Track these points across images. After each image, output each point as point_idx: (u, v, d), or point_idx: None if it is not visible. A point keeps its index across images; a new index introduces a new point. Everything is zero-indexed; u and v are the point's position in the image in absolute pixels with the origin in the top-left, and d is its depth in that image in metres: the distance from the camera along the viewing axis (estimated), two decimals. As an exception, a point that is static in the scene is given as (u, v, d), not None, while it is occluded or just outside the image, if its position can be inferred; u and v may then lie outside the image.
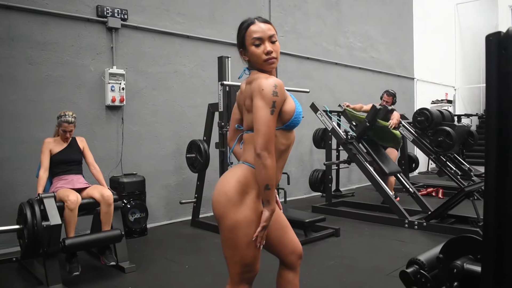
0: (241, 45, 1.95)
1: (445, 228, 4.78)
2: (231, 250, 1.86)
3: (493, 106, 1.26)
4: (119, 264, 3.57)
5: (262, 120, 1.76)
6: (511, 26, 1.23)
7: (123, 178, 4.77)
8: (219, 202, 1.85)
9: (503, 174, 1.25)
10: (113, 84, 4.97)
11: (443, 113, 7.61)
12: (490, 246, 1.29)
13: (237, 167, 1.92)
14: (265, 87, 1.78)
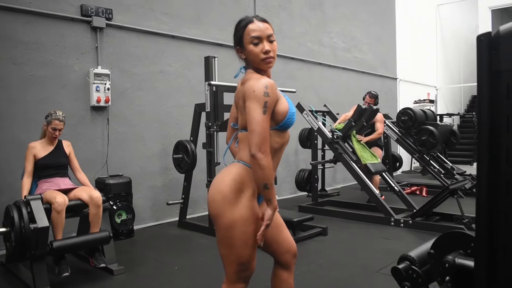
0: (238, 43, 1.94)
1: (430, 226, 4.85)
2: (228, 249, 1.86)
3: (484, 104, 1.29)
4: (107, 266, 3.53)
5: (255, 121, 1.76)
6: (501, 27, 1.26)
7: (109, 180, 4.72)
8: (215, 201, 1.84)
9: (495, 170, 1.28)
10: (98, 84, 4.92)
11: (426, 112, 7.72)
12: (483, 242, 1.32)
13: (232, 166, 1.91)
14: (256, 88, 1.79)
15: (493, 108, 1.27)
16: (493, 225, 1.29)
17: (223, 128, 4.79)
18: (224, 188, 1.83)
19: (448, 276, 1.67)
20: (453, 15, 14.42)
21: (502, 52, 1.25)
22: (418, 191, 7.60)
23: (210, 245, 4.48)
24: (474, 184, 7.01)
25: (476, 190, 1.34)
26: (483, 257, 1.33)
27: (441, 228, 4.65)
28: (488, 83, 1.28)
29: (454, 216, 4.97)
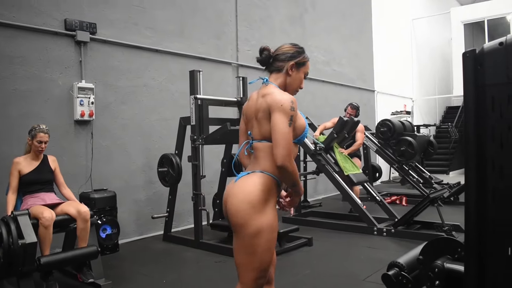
0: (297, 63, 2.15)
1: (412, 234, 4.97)
2: (250, 256, 1.94)
3: (471, 116, 1.38)
4: (95, 282, 3.50)
5: (281, 133, 1.91)
6: (485, 45, 1.36)
7: (94, 194, 4.69)
8: (241, 211, 1.92)
9: (482, 178, 1.36)
10: (82, 98, 4.90)
11: (404, 123, 7.93)
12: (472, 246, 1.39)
13: (254, 175, 2.00)
14: (284, 102, 1.95)
15: (479, 120, 1.36)
16: (481, 230, 1.37)
17: (208, 141, 4.84)
18: (253, 198, 1.93)
19: (438, 280, 1.74)
20: (428, 29, 14.86)
21: (486, 67, 1.34)
22: (398, 200, 7.74)
23: (197, 258, 4.49)
24: (452, 192, 7.21)
25: (465, 196, 1.42)
26: (472, 262, 1.41)
27: (422, 236, 4.77)
28: (474, 96, 1.38)
29: (434, 224, 5.10)
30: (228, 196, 2.01)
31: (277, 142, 1.91)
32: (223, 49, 6.85)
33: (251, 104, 2.12)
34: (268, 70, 2.19)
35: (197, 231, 4.86)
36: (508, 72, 1.30)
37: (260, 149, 2.04)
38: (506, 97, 1.30)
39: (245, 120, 2.17)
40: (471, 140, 1.38)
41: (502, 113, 1.31)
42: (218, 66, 6.74)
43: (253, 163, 2.07)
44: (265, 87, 2.09)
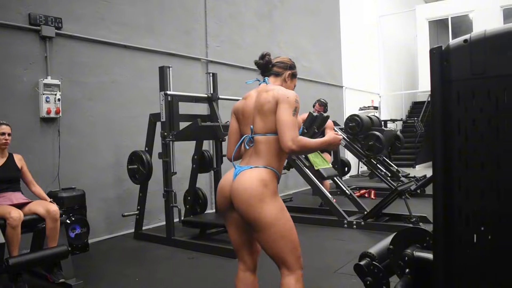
0: (292, 74, 2.40)
1: (381, 226, 5.10)
2: (282, 240, 2.10)
3: (438, 110, 1.44)
4: (66, 282, 3.44)
5: (288, 119, 2.06)
6: (451, 42, 1.42)
7: (62, 193, 4.59)
8: (251, 206, 2.05)
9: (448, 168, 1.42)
10: (48, 95, 4.78)
11: (372, 119, 8.10)
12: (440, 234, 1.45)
13: (259, 170, 2.12)
14: (290, 95, 2.13)
15: (445, 113, 1.42)
16: (448, 218, 1.43)
17: (179, 138, 4.81)
18: (257, 193, 2.06)
19: (408, 268, 1.80)
20: (394, 26, 15.18)
21: (452, 63, 1.40)
22: (367, 194, 7.91)
23: (169, 256, 4.47)
24: (419, 185, 7.42)
25: (433, 186, 1.48)
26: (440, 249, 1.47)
27: (391, 228, 4.89)
28: (440, 91, 1.43)
29: (402, 216, 5.24)
30: (235, 194, 2.10)
31: (283, 127, 2.06)
32: (192, 45, 6.81)
33: (249, 102, 2.25)
34: (264, 74, 2.35)
35: (169, 228, 4.83)
36: (472, 68, 1.35)
37: (263, 142, 2.16)
38: (471, 91, 1.36)
39: (240, 118, 2.29)
40: (438, 133, 1.43)
41: (467, 107, 1.36)
42: (187, 62, 6.70)
43: (254, 157, 2.17)
44: (266, 86, 2.25)
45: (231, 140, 2.35)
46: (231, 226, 2.27)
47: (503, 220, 1.32)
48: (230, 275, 3.80)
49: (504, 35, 1.32)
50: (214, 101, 5.19)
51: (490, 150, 1.33)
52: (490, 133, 1.32)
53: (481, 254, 1.36)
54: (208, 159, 5.56)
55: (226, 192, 2.18)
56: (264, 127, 2.16)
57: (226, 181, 2.20)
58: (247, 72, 7.96)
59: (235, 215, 2.21)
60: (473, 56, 1.35)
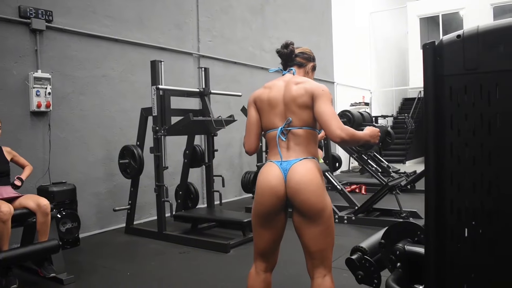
0: (314, 67, 2.38)
1: (372, 221, 5.14)
2: (330, 237, 2.12)
3: (430, 105, 1.45)
4: (57, 276, 3.42)
5: (331, 111, 2.05)
6: (444, 37, 1.43)
7: (52, 187, 4.56)
8: (320, 196, 2.04)
9: (441, 163, 1.43)
10: (38, 89, 4.73)
11: (363, 114, 8.13)
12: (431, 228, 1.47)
13: (311, 161, 2.10)
14: (323, 88, 2.11)
15: (438, 108, 1.43)
16: (440, 212, 1.44)
17: (170, 132, 4.79)
18: (321, 182, 2.07)
19: (399, 262, 1.82)
20: (385, 23, 15.23)
21: (445, 59, 1.41)
22: (358, 189, 7.95)
23: (160, 250, 4.46)
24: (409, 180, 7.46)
25: (425, 180, 1.49)
26: (431, 243, 1.48)
27: (381, 222, 4.94)
28: (433, 86, 1.44)
29: (393, 211, 5.29)
30: (300, 187, 2.02)
31: (329, 119, 2.01)
32: (184, 40, 6.78)
33: (275, 93, 2.16)
34: (287, 63, 2.30)
35: (160, 222, 4.82)
36: (465, 63, 1.36)
37: (301, 135, 2.11)
38: (463, 87, 1.37)
39: (265, 107, 2.18)
40: (431, 128, 1.45)
41: (459, 103, 1.37)
42: (179, 56, 6.67)
43: (295, 149, 2.11)
44: (293, 76, 2.20)
45: (252, 132, 2.23)
46: (271, 230, 2.15)
47: (494, 215, 1.33)
48: (221, 269, 3.82)
49: (497, 31, 1.33)
50: (206, 96, 5.18)
51: (482, 146, 1.34)
52: (482, 129, 1.34)
53: (472, 249, 1.38)
54: (200, 154, 5.54)
55: (280, 191, 2.05)
56: (301, 120, 2.10)
57: (275, 179, 2.06)
58: (239, 67, 7.96)
59: (283, 216, 2.15)
60: (466, 51, 1.36)
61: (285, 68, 2.29)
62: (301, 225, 2.10)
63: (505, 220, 1.31)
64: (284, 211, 2.15)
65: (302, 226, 2.09)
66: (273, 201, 2.06)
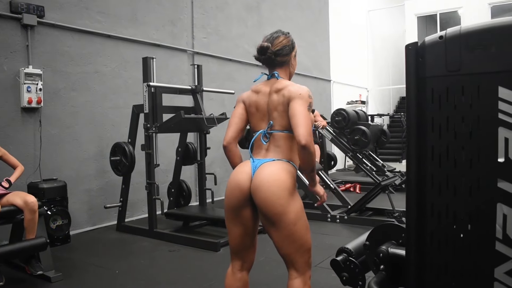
0: (295, 52, 2.29)
1: (364, 220, 5.12)
2: (299, 240, 2.05)
3: (412, 107, 1.43)
4: (44, 274, 3.39)
5: (303, 116, 2.00)
6: (426, 38, 1.40)
7: (43, 184, 4.53)
8: (281, 198, 1.98)
9: (422, 165, 1.41)
10: (29, 85, 4.69)
11: (359, 113, 8.09)
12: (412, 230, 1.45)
13: (282, 163, 2.07)
14: (302, 91, 2.07)
15: (419, 111, 1.41)
16: (421, 215, 1.42)
17: (162, 130, 4.77)
18: (288, 185, 2.01)
19: (383, 265, 1.80)
20: (382, 21, 15.20)
21: (427, 60, 1.39)
22: (352, 188, 7.94)
23: (151, 248, 4.44)
24: (404, 180, 7.46)
25: (406, 183, 1.47)
26: (412, 246, 1.47)
27: (374, 222, 4.92)
28: (415, 88, 1.42)
29: (385, 211, 5.28)
30: (261, 185, 1.99)
31: (298, 123, 1.98)
32: (178, 36, 6.73)
33: (262, 98, 2.17)
34: (269, 65, 2.23)
35: (151, 220, 4.80)
36: (447, 65, 1.34)
37: (281, 138, 2.11)
38: (445, 89, 1.35)
39: (253, 111, 2.21)
40: (412, 130, 1.43)
41: (441, 105, 1.35)
42: (173, 53, 6.63)
43: (273, 151, 2.12)
44: (277, 81, 2.17)
45: (232, 126, 2.24)
46: (239, 225, 2.14)
47: (474, 218, 1.31)
48: (210, 268, 3.80)
49: (479, 32, 1.31)
50: (198, 93, 5.14)
51: (463, 149, 1.32)
52: (463, 132, 1.32)
53: (452, 252, 1.36)
54: (192, 151, 5.52)
55: (244, 185, 2.05)
56: (282, 125, 2.11)
57: (243, 174, 2.08)
58: (234, 64, 7.92)
59: (248, 212, 2.11)
60: (448, 53, 1.34)
61: (269, 69, 2.25)
62: (264, 226, 2.10)
63: (485, 224, 1.30)
64: (251, 207, 2.10)
65: (265, 227, 2.09)
66: (237, 195, 2.07)
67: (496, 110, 1.26)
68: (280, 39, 2.20)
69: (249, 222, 2.13)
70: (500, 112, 1.25)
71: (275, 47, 2.17)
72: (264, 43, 2.18)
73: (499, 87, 1.25)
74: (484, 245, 1.30)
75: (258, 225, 2.19)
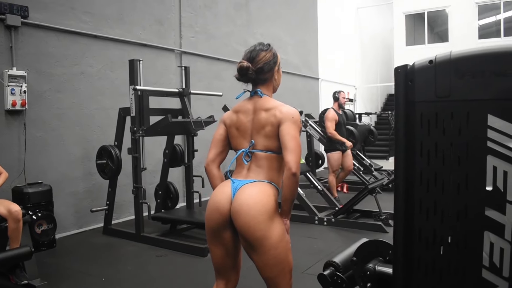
0: (279, 66, 2.20)
1: (351, 223, 5.14)
2: (281, 264, 2.00)
3: (401, 130, 1.42)
4: (29, 283, 3.34)
5: (296, 142, 1.97)
6: (416, 62, 1.39)
7: (28, 188, 4.45)
8: (261, 223, 1.92)
9: (410, 190, 1.41)
10: (13, 87, 4.60)
11: (347, 113, 8.13)
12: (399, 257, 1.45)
13: (263, 185, 2.01)
14: (294, 115, 2.02)
15: (408, 134, 1.40)
16: (408, 237, 1.42)
17: (149, 133, 4.72)
18: (269, 208, 1.96)
19: (370, 282, 1.80)
20: (371, 18, 15.23)
21: (416, 84, 1.37)
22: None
23: (138, 253, 4.41)
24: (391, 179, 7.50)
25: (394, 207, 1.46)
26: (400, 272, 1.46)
27: (361, 225, 4.95)
28: (404, 111, 1.41)
29: (373, 213, 5.30)
30: (240, 209, 1.94)
31: (292, 149, 1.94)
32: (165, 36, 6.66)
33: (244, 117, 2.11)
34: (252, 82, 2.16)
35: (138, 224, 4.75)
36: (436, 90, 1.33)
37: (263, 158, 2.06)
38: (434, 114, 1.34)
39: (234, 132, 2.15)
40: (401, 154, 1.42)
41: (430, 130, 1.34)
42: (160, 53, 6.56)
43: (254, 171, 2.06)
44: (262, 100, 2.10)
45: (213, 148, 2.20)
46: (220, 246, 2.08)
47: (461, 245, 1.31)
48: (198, 274, 3.78)
49: (468, 59, 1.30)
50: (186, 96, 5.10)
51: (451, 175, 1.31)
52: (452, 158, 1.31)
53: (439, 278, 1.36)
54: (180, 153, 5.47)
55: (224, 208, 1.99)
56: (265, 145, 2.05)
57: (223, 196, 2.02)
58: (222, 63, 7.87)
59: (228, 234, 2.05)
60: (438, 78, 1.33)
61: (252, 87, 2.17)
62: (245, 249, 2.04)
63: (472, 251, 1.29)
64: (231, 229, 2.05)
65: (246, 250, 2.04)
66: (217, 218, 2.02)
67: (485, 138, 1.25)
68: (260, 56, 2.09)
69: (230, 243, 2.08)
70: (489, 140, 1.25)
71: (256, 65, 2.08)
72: (244, 62, 2.08)
73: (488, 115, 1.25)
74: (471, 272, 1.30)
75: (240, 246, 2.14)
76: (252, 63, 2.09)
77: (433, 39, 15.31)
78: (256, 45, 2.16)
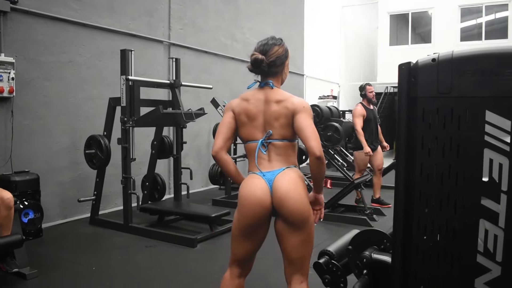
0: (288, 61, 2.31)
1: (337, 217, 5.25)
2: (310, 244, 2.17)
3: (403, 124, 1.49)
4: (19, 271, 3.33)
5: (312, 128, 2.09)
6: (419, 59, 1.47)
7: (15, 177, 4.42)
8: (305, 204, 2.10)
9: (410, 181, 1.49)
10: (1, 73, 4.55)
11: (332, 109, 8.22)
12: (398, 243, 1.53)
13: (292, 170, 2.15)
14: (305, 104, 2.16)
15: (410, 128, 1.48)
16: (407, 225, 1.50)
17: (139, 124, 4.72)
18: (305, 189, 2.12)
19: (366, 269, 1.88)
20: (356, 17, 15.40)
21: (419, 81, 1.45)
22: (323, 183, 8.07)
23: (127, 243, 4.42)
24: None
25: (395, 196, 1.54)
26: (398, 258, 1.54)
27: (346, 219, 5.06)
28: (406, 106, 1.48)
29: (357, 208, 5.42)
30: (287, 197, 2.05)
31: (311, 136, 2.06)
32: (155, 27, 6.64)
33: (254, 106, 2.17)
34: (263, 74, 2.21)
35: (126, 215, 4.77)
36: (438, 87, 1.41)
37: (281, 147, 2.16)
38: (435, 109, 1.42)
39: (243, 119, 2.19)
40: (402, 147, 1.49)
41: (431, 124, 1.42)
42: (149, 43, 6.54)
43: (277, 160, 2.16)
44: (273, 91, 2.18)
45: (220, 134, 2.19)
46: (254, 240, 2.16)
47: (458, 232, 1.40)
48: (187, 265, 3.83)
49: (469, 58, 1.38)
50: (177, 88, 5.11)
51: (450, 167, 1.40)
52: (451, 151, 1.39)
53: (436, 263, 1.44)
54: (168, 145, 5.49)
55: (266, 202, 2.07)
56: (282, 134, 2.14)
57: (261, 191, 2.08)
58: (210, 56, 7.88)
59: (266, 227, 2.16)
60: (440, 75, 1.41)
61: (262, 78, 2.22)
62: (284, 233, 2.11)
63: (468, 238, 1.38)
64: (268, 222, 2.16)
65: (285, 234, 2.11)
66: (260, 212, 2.08)
67: (483, 132, 1.34)
68: (274, 49, 2.18)
69: (264, 236, 2.19)
70: (486, 134, 1.33)
71: (269, 58, 2.16)
72: (258, 55, 2.15)
73: (486, 111, 1.33)
74: (466, 257, 1.39)
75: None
76: (266, 56, 2.16)
77: (416, 40, 15.57)
78: (269, 38, 2.23)
